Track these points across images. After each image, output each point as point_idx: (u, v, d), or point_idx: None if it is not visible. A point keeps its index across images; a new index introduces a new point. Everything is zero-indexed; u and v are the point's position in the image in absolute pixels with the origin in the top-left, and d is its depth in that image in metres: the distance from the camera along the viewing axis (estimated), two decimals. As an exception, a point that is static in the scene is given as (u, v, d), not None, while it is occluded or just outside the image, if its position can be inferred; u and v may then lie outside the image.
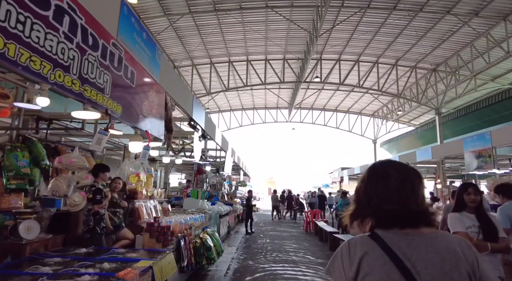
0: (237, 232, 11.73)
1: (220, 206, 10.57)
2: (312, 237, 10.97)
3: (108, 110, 2.49)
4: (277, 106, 28.84)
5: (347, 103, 27.25)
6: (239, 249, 8.48)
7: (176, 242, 4.79)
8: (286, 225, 14.46)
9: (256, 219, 16.68)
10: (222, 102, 26.12)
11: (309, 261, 7.13)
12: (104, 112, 2.48)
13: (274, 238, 10.59)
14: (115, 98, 2.62)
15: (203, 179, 11.81)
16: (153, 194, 5.84)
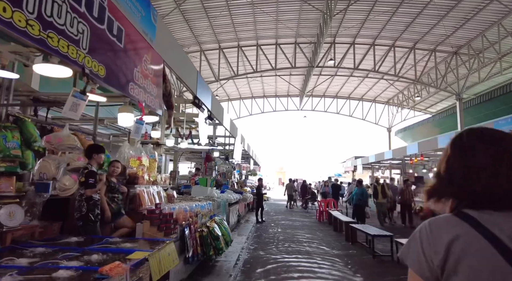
0: (247, 221, 11.35)
1: (229, 194, 10.18)
2: (325, 226, 10.49)
3: (85, 68, 2.01)
4: (288, 94, 28.10)
5: (361, 90, 26.30)
6: (249, 239, 8.08)
7: (180, 231, 4.37)
8: (298, 215, 14.02)
9: (267, 208, 16.30)
10: (231, 90, 25.55)
11: (324, 252, 6.65)
12: (80, 70, 2.01)
13: (286, 227, 10.16)
14: (96, 56, 2.15)
15: (212, 167, 11.41)
16: (156, 180, 5.42)
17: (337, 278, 4.92)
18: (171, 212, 4.30)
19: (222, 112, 7.43)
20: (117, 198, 4.36)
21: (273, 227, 10.24)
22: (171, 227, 4.16)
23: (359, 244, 7.50)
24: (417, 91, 22.48)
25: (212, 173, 11.32)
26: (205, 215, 5.47)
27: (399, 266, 5.64)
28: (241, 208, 11.79)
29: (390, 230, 8.00)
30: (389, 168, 25.77)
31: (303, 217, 13.26)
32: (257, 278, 4.89)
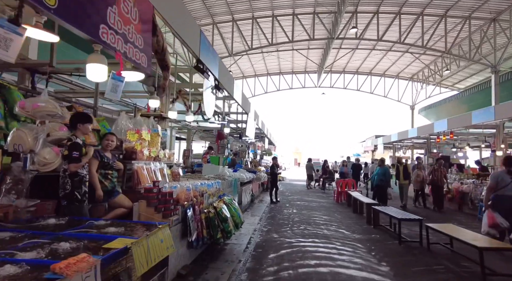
0: (261, 201, 10.91)
1: (242, 173, 9.69)
2: (344, 208, 9.89)
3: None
4: (305, 70, 26.90)
5: (383, 65, 24.75)
6: (262, 220, 7.61)
7: (182, 212, 3.87)
8: (314, 195, 13.46)
9: (282, 189, 15.84)
10: (246, 66, 24.62)
11: (344, 237, 6.08)
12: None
13: (301, 208, 9.63)
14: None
15: (224, 145, 10.89)
16: (158, 156, 4.91)
17: (359, 266, 4.35)
18: (171, 191, 3.78)
19: (232, 83, 6.76)
20: (111, 175, 3.88)
21: (288, 208, 9.74)
22: (171, 208, 3.66)
23: (382, 228, 6.87)
24: (446, 65, 20.83)
25: (224, 151, 10.82)
26: (212, 195, 4.96)
27: (429, 254, 5.00)
28: (255, 187, 11.33)
29: (414, 213, 7.31)
30: (411, 148, 24.62)
31: (320, 197, 12.70)
32: (269, 264, 4.39)
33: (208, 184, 5.03)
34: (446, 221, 7.70)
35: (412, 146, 23.88)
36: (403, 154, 24.49)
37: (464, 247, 4.60)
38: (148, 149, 4.67)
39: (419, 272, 4.22)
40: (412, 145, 23.00)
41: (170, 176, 5.20)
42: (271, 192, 10.74)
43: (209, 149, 10.45)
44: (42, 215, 3.37)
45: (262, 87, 27.32)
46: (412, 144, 22.66)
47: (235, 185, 7.61)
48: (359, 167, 13.67)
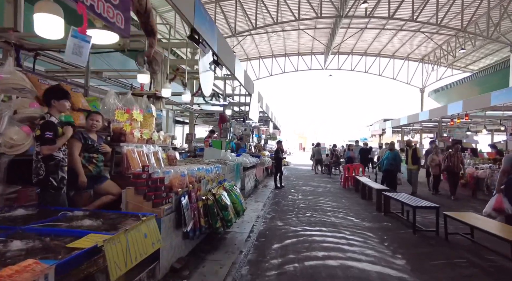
0: (265, 187, 10.55)
1: (245, 157, 9.30)
2: (351, 194, 9.50)
3: None
4: (311, 51, 25.99)
5: (393, 45, 23.75)
6: (266, 206, 7.25)
7: (176, 200, 3.47)
8: (320, 180, 13.07)
9: (287, 173, 15.48)
10: (250, 47, 23.80)
11: (353, 225, 5.69)
12: None
13: (307, 193, 9.26)
14: None
15: (227, 129, 10.45)
16: (151, 138, 4.49)
17: (372, 259, 3.96)
18: (163, 177, 3.37)
19: (233, 60, 6.22)
20: (97, 159, 3.48)
21: (293, 193, 9.37)
22: (162, 196, 3.26)
23: (394, 215, 6.47)
24: (460, 45, 19.82)
25: (227, 135, 10.39)
26: (212, 181, 4.56)
27: (448, 245, 4.59)
28: (259, 172, 10.96)
29: (426, 200, 6.87)
30: (420, 132, 23.95)
31: (326, 183, 12.31)
32: (272, 256, 4.03)
33: (207, 169, 4.62)
34: (460, 209, 7.28)
35: (421, 130, 23.22)
36: (411, 138, 23.87)
37: (486, 237, 4.18)
38: (139, 130, 4.24)
39: (439, 266, 3.82)
40: (421, 129, 22.34)
41: (166, 160, 4.80)
42: (275, 177, 10.37)
43: (211, 133, 10.02)
44: (24, 203, 3.01)
45: (266, 69, 26.56)
46: (421, 128, 22.00)
47: (237, 170, 7.22)
48: (367, 152, 13.16)
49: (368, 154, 13.21)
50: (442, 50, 21.63)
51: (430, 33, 19.95)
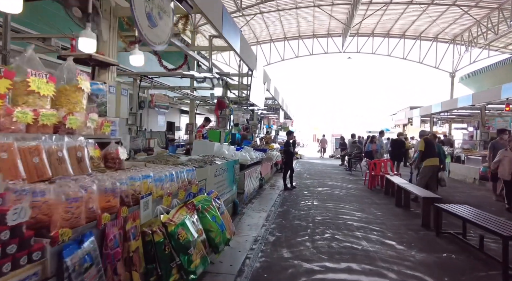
0: (272, 187, 8.69)
1: (247, 152, 7.46)
2: (380, 198, 7.51)
3: None
4: (328, 33, 23.60)
5: (420, 25, 21.11)
6: (270, 218, 5.39)
7: (51, 254, 1.63)
8: (339, 178, 11.09)
9: (299, 169, 13.55)
10: (260, 28, 21.68)
11: (398, 257, 3.76)
12: None
13: (324, 198, 7.33)
14: None
15: (225, 116, 8.53)
16: (64, 123, 2.64)
17: None
18: (5, 210, 1.52)
19: (220, 10, 4.28)
20: None
21: (306, 197, 7.46)
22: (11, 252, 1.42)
23: (452, 238, 4.49)
24: (503, 19, 17.07)
25: (226, 124, 8.49)
26: (169, 196, 2.71)
27: None
28: (265, 169, 9.09)
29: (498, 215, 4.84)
30: (449, 122, 21.44)
31: (346, 181, 10.32)
32: None
33: (159, 177, 2.75)
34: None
35: (450, 120, 20.73)
36: (439, 128, 21.40)
37: None
38: (36, 110, 2.39)
39: None
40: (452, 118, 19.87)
41: (101, 160, 2.97)
42: (284, 175, 8.47)
43: (206, 121, 8.17)
44: None
45: (278, 53, 24.39)
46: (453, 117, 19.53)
47: (231, 171, 5.36)
48: (400, 144, 10.96)
49: (401, 147, 11.02)
50: (480, 26, 18.83)
51: (468, 6, 17.27)
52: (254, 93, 7.24)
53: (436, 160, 6.76)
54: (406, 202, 6.58)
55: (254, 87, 7.09)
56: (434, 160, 6.76)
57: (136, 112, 9.06)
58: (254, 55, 7.23)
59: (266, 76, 8.88)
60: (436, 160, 6.76)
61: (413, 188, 6.14)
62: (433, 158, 6.76)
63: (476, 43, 19.96)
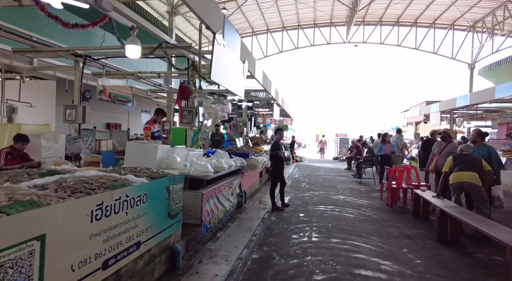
0: (258, 204, 6.38)
1: (218, 158, 5.20)
2: (409, 224, 5.18)
3: None
4: (330, 21, 21.27)
5: (434, 10, 18.72)
6: (236, 273, 3.08)
7: None
8: (346, 188, 8.74)
9: (297, 175, 11.21)
10: (254, 16, 19.38)
11: None
12: None
13: (328, 226, 4.99)
14: None
15: (192, 109, 6.19)
16: None
17: None
18: None
19: None
20: None
21: (301, 225, 5.13)
22: None
23: None
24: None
25: (192, 120, 6.15)
26: None
27: None
28: (248, 180, 6.80)
29: None
30: (467, 118, 19.04)
31: (357, 194, 7.98)
32: None
33: None
34: None
35: (471, 117, 18.32)
36: (457, 127, 18.98)
37: None
38: None
39: None
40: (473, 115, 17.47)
41: None
42: (272, 190, 6.10)
43: (157, 115, 5.81)
44: None
45: (276, 44, 22.06)
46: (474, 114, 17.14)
47: (159, 196, 3.01)
48: (429, 143, 8.35)
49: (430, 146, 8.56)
50: (507, 8, 16.36)
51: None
52: (222, 70, 4.90)
53: (462, 175, 4.65)
54: (455, 235, 4.24)
55: (221, 62, 4.76)
56: (459, 175, 4.69)
57: (77, 105, 6.83)
58: (220, 12, 4.88)
59: (246, 52, 6.53)
60: (464, 175, 4.64)
61: (470, 218, 3.79)
62: (459, 172, 4.70)
63: (502, 29, 17.47)
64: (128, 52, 4.44)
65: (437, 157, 6.30)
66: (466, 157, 4.85)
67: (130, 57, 4.61)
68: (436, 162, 6.30)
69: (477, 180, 4.56)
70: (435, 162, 6.30)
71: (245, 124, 10.96)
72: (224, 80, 5.03)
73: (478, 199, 4.54)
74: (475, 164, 4.69)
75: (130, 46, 4.37)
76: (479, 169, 4.65)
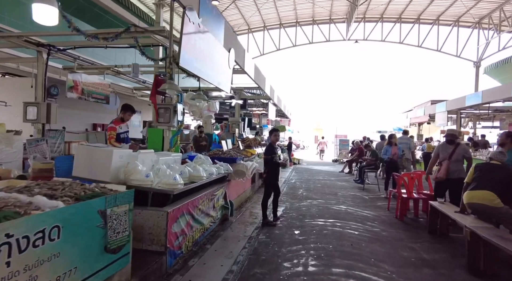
0: (247, 218, 5.48)
1: (196, 165, 4.31)
2: (426, 243, 4.30)
3: None
4: (330, 18, 20.44)
5: (438, 5, 17.90)
6: None
7: None
8: (348, 196, 7.85)
9: (294, 180, 10.33)
10: (250, 12, 18.53)
11: None
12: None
13: (328, 249, 4.10)
14: None
15: (170, 106, 5.26)
16: None
17: None
18: None
19: None
20: None
21: (296, 246, 4.23)
22: None
23: None
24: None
25: (169, 119, 5.22)
26: None
27: None
28: (237, 189, 5.93)
29: None
30: (474, 119, 18.20)
31: (361, 203, 7.10)
32: None
33: None
34: None
35: (478, 117, 17.47)
36: (462, 128, 18.11)
37: None
38: None
39: None
40: (479, 115, 16.64)
41: None
42: (264, 202, 5.20)
43: (124, 112, 4.86)
44: None
45: (273, 42, 21.21)
46: (479, 114, 16.32)
47: (88, 226, 2.11)
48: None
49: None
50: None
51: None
52: (199, 57, 3.99)
53: (474, 196, 3.82)
54: (490, 264, 3.35)
55: (197, 46, 3.86)
56: (471, 195, 3.85)
57: (40, 102, 5.93)
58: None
59: (232, 40, 5.62)
60: (476, 196, 3.80)
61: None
62: (471, 191, 3.87)
63: (510, 25, 16.64)
64: (37, 15, 3.48)
65: (447, 162, 5.27)
66: (491, 168, 3.95)
67: (40, 22, 3.67)
68: (447, 168, 5.26)
69: (492, 201, 3.63)
70: (446, 168, 5.27)
71: (237, 125, 10.07)
72: (201, 69, 4.13)
73: (505, 222, 3.64)
74: (498, 177, 3.78)
75: (39, 5, 3.42)
76: (505, 183, 3.74)
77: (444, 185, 5.10)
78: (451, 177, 4.99)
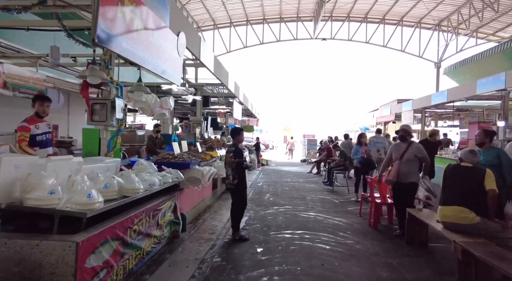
0: (205, 234, 4.66)
1: (131, 174, 3.39)
2: (405, 258, 3.77)
3: None
4: (297, 16, 20.11)
5: (402, 6, 18.18)
6: None
7: None
8: (317, 200, 7.30)
9: (261, 183, 9.65)
10: (216, 5, 17.64)
11: None
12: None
13: (296, 267, 3.42)
14: None
15: (106, 101, 4.27)
16: None
17: None
18: None
19: None
20: None
21: (257, 271, 3.51)
22: None
23: None
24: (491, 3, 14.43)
25: (106, 116, 4.24)
26: None
27: None
28: (189, 200, 5.08)
29: None
30: (436, 118, 18.70)
31: (331, 209, 6.56)
32: None
33: None
34: None
35: (439, 116, 17.93)
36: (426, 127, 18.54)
37: None
38: None
39: None
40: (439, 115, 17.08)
41: None
42: (235, 214, 4.41)
43: (39, 105, 3.80)
44: None
45: (240, 39, 20.47)
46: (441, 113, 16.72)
47: None
48: (434, 149, 6.92)
49: (435, 151, 7.23)
50: (472, 6, 16.07)
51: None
52: (130, 36, 3.12)
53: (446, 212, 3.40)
54: (477, 274, 2.84)
55: (126, 20, 2.99)
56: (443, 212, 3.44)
57: None
58: None
59: (181, 21, 4.77)
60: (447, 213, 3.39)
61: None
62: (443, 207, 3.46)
63: (467, 27, 17.21)
64: None
65: (398, 162, 4.69)
66: (461, 172, 3.45)
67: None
68: (397, 169, 4.54)
69: (464, 218, 3.17)
70: (396, 170, 4.54)
71: (199, 124, 9.19)
72: (136, 52, 3.26)
73: (486, 236, 3.15)
74: (468, 185, 3.30)
75: None
76: (478, 191, 3.25)
77: (398, 188, 4.60)
78: (402, 181, 4.47)
